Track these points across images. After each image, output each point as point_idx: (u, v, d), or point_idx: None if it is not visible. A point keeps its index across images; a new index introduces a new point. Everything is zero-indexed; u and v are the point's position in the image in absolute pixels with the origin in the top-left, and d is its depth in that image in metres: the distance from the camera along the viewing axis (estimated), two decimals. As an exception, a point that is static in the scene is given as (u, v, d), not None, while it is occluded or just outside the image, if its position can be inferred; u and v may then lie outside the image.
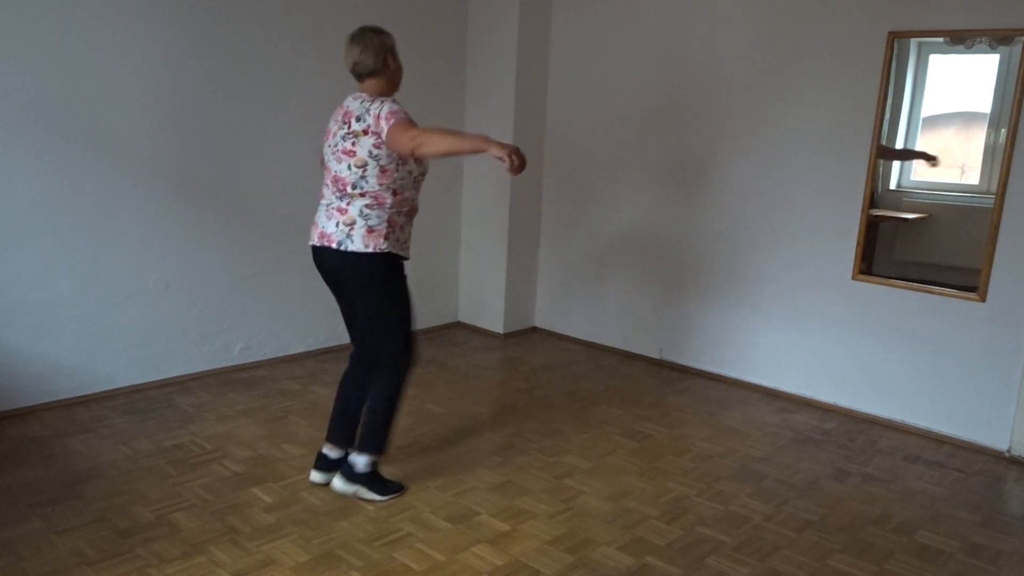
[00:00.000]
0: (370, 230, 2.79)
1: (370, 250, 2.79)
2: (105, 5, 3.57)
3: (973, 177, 3.73)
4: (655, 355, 4.84)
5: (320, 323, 4.69)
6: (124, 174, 3.75)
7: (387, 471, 3.18)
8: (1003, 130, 3.52)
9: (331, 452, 3.08)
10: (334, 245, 2.80)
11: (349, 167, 2.79)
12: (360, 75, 2.86)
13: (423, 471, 3.24)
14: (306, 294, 4.59)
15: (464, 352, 4.91)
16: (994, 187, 3.56)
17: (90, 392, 3.81)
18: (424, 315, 5.25)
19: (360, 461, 2.94)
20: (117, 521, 2.74)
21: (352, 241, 2.78)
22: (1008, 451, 3.65)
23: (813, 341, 4.18)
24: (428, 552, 2.65)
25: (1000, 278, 3.58)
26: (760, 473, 3.38)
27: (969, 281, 3.67)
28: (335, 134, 2.85)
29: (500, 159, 2.57)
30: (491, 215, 5.18)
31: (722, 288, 4.49)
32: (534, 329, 5.46)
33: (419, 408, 3.92)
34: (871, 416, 4.03)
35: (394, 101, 2.81)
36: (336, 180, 2.84)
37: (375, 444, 2.95)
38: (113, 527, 2.70)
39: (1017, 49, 3.45)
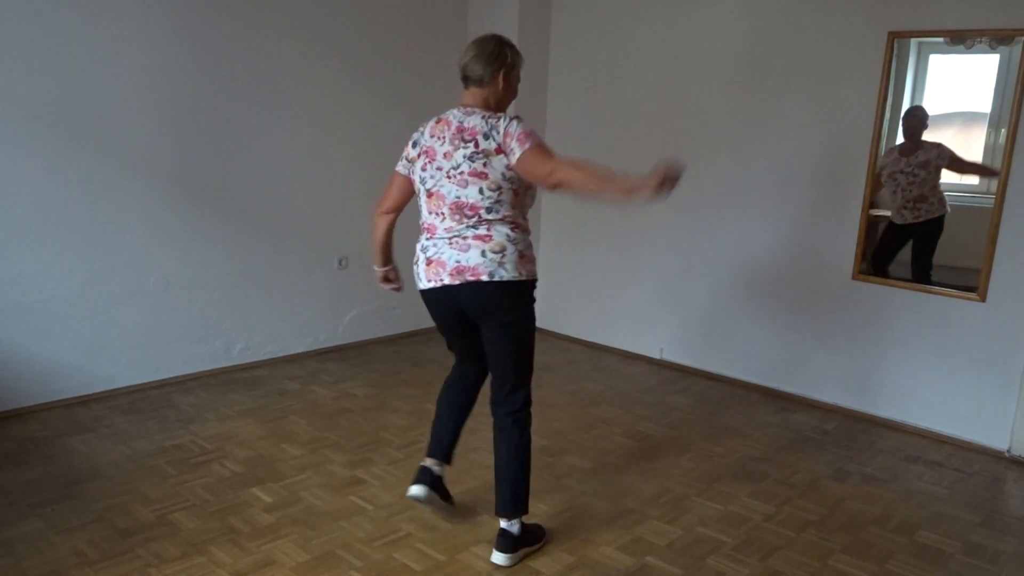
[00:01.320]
0: (522, 256, 2.48)
1: (524, 278, 2.49)
2: (105, 5, 3.57)
3: (973, 177, 3.73)
4: (655, 355, 4.84)
5: (320, 323, 4.69)
6: (124, 174, 3.75)
7: (386, 470, 3.18)
8: (1003, 130, 3.52)
9: (435, 467, 2.79)
10: (484, 277, 2.44)
11: (481, 191, 2.45)
12: (466, 80, 2.58)
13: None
14: (306, 294, 4.59)
15: (464, 352, 4.90)
16: (994, 187, 3.56)
17: (90, 392, 3.81)
18: (424, 315, 5.21)
19: (515, 528, 2.61)
20: (117, 521, 2.74)
21: (505, 270, 2.45)
22: (1008, 451, 3.65)
23: (813, 341, 4.18)
24: (428, 552, 2.65)
25: (1000, 278, 3.58)
26: (760, 473, 3.38)
27: (969, 281, 3.67)
28: (448, 155, 2.49)
29: (657, 197, 2.29)
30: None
31: (722, 288, 4.49)
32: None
33: (419, 408, 3.92)
34: (871, 416, 4.03)
35: (522, 120, 2.51)
36: (461, 207, 2.47)
37: (522, 505, 2.62)
38: (113, 527, 2.70)
39: (1017, 49, 3.45)
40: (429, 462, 2.80)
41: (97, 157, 3.65)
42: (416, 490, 2.71)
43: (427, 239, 2.62)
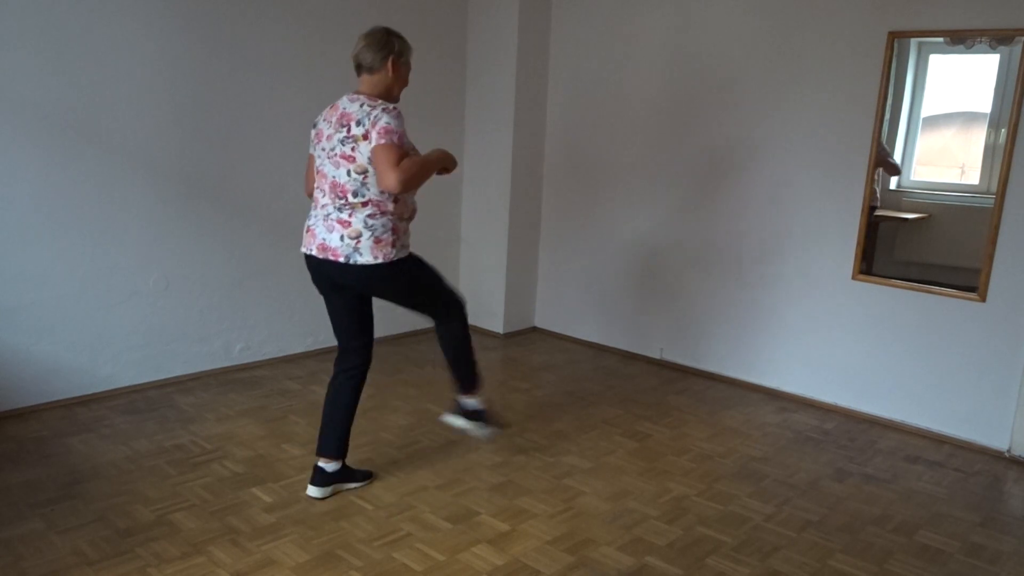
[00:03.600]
0: (377, 240, 2.75)
1: (380, 261, 2.76)
2: (105, 4, 3.57)
3: (973, 177, 3.73)
4: (655, 355, 4.85)
5: (320, 323, 4.68)
6: (124, 174, 3.75)
7: (387, 470, 3.19)
8: (1003, 130, 3.52)
9: (327, 465, 2.96)
10: (341, 259, 2.74)
11: (349, 173, 2.71)
12: (359, 68, 2.84)
13: (423, 471, 3.24)
14: (306, 294, 4.57)
15: (464, 352, 4.90)
16: (994, 187, 3.56)
17: (90, 392, 3.81)
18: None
19: (470, 402, 3.14)
20: (117, 521, 2.74)
21: (361, 255, 2.73)
22: (1008, 451, 3.65)
23: (813, 341, 4.18)
24: (428, 552, 2.65)
25: (1000, 278, 3.58)
26: (760, 473, 3.38)
27: (969, 281, 3.67)
28: (330, 137, 2.76)
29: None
30: (491, 215, 5.18)
31: (722, 288, 4.49)
32: (534, 329, 5.46)
33: (419, 408, 3.92)
34: (871, 416, 4.03)
35: (395, 114, 2.71)
36: (334, 186, 2.75)
37: (471, 382, 3.12)
38: (113, 527, 2.70)
39: (1017, 49, 3.45)
40: (322, 461, 2.98)
41: (97, 157, 3.65)
42: (312, 491, 2.96)
43: (313, 209, 2.87)
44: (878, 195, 3.94)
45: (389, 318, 5.06)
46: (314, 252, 2.80)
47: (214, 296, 4.18)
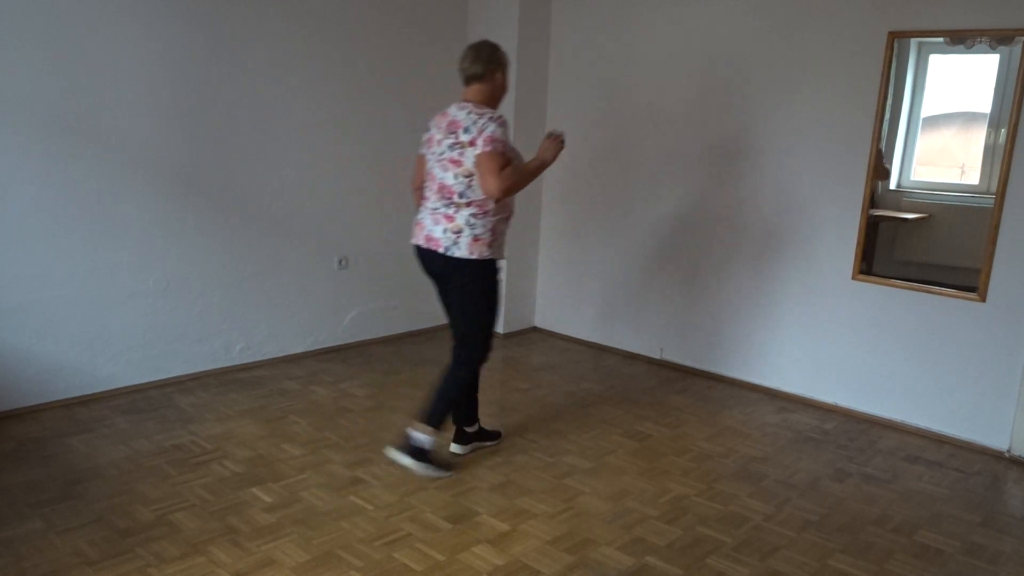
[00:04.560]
0: (476, 239, 3.01)
1: (474, 257, 3.01)
2: (105, 3, 3.56)
3: (973, 177, 3.73)
4: (655, 355, 4.85)
5: (320, 323, 4.69)
6: (124, 174, 3.75)
7: (386, 470, 3.19)
8: (1003, 130, 3.52)
9: (468, 428, 3.40)
10: (441, 249, 3.02)
11: (455, 176, 2.98)
12: (467, 79, 3.06)
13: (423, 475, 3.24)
14: (306, 294, 4.59)
15: (464, 352, 4.90)
16: (994, 187, 3.56)
17: (90, 392, 3.81)
18: (424, 316, 5.25)
19: (419, 436, 3.12)
20: (117, 521, 2.74)
21: (459, 248, 3.00)
22: (1008, 451, 3.65)
23: (813, 341, 4.18)
24: (428, 552, 2.65)
25: (1000, 278, 3.58)
26: (760, 473, 3.38)
27: (969, 281, 3.67)
28: (440, 142, 3.03)
29: (557, 146, 3.08)
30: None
31: (722, 288, 4.49)
32: (534, 329, 5.46)
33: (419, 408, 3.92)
34: (871, 416, 4.03)
35: (500, 123, 2.95)
36: (442, 188, 3.03)
37: (434, 420, 3.14)
38: (113, 527, 2.70)
39: (1017, 49, 3.45)
40: (465, 427, 3.39)
41: (97, 157, 3.65)
42: (456, 448, 3.38)
43: (422, 205, 3.16)
44: (878, 193, 3.93)
45: (388, 317, 5.07)
46: (421, 243, 3.11)
47: (214, 296, 4.18)
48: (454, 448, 3.38)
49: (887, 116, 3.82)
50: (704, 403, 4.19)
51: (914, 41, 3.77)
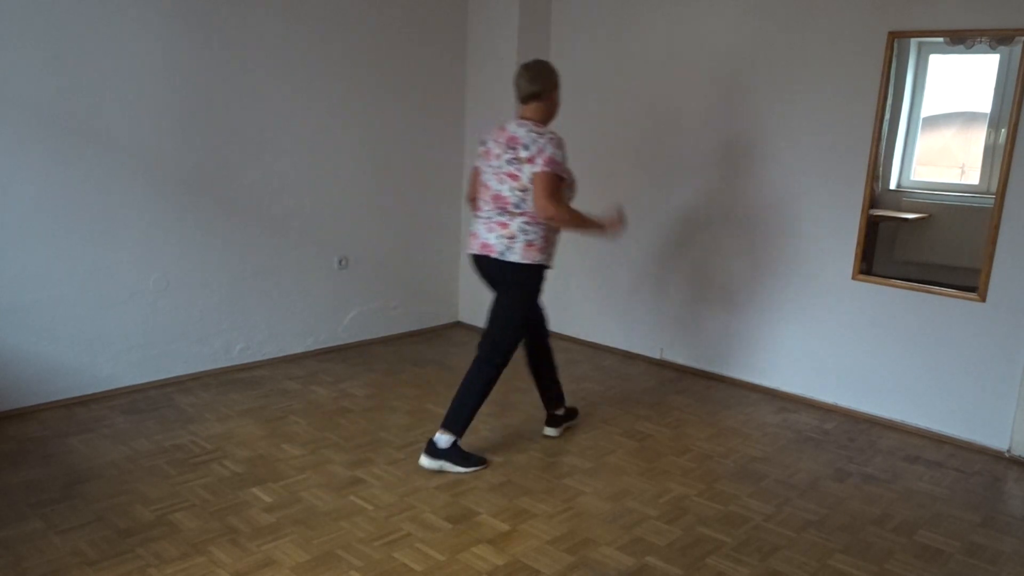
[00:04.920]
0: (529, 244, 3.15)
1: (527, 261, 3.16)
2: (105, 5, 3.57)
3: (973, 177, 3.73)
4: (655, 355, 4.84)
5: (320, 323, 4.70)
6: (124, 174, 3.75)
7: (386, 470, 3.19)
8: (1003, 130, 3.52)
9: (556, 411, 3.65)
10: (495, 254, 3.16)
11: (511, 189, 3.13)
12: (525, 97, 3.23)
13: (423, 471, 3.24)
14: (306, 294, 4.59)
15: (464, 352, 4.90)
16: (994, 187, 3.56)
17: (90, 392, 3.81)
18: (424, 315, 5.26)
19: (443, 439, 3.21)
20: (117, 521, 2.74)
21: (513, 252, 3.15)
22: (1008, 451, 3.65)
23: (813, 341, 4.18)
24: (428, 552, 2.65)
25: (1000, 278, 3.58)
26: (760, 473, 3.38)
27: (969, 281, 3.67)
28: (498, 156, 3.17)
29: (618, 228, 3.31)
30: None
31: (722, 288, 4.49)
32: (534, 329, 5.45)
33: (419, 408, 3.92)
34: (871, 416, 4.03)
35: (559, 144, 3.12)
36: (497, 198, 3.17)
37: (457, 425, 3.22)
38: (113, 527, 2.70)
39: (1017, 49, 3.45)
40: (557, 411, 3.63)
41: (97, 157, 3.65)
42: (550, 431, 3.64)
43: (475, 216, 3.31)
44: (877, 193, 3.93)
45: (388, 317, 5.07)
46: (476, 251, 3.24)
47: (214, 296, 4.18)
48: (548, 431, 3.63)
49: (887, 116, 3.82)
50: (704, 403, 4.19)
51: (914, 41, 3.77)
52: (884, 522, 3.01)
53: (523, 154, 3.08)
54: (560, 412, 3.68)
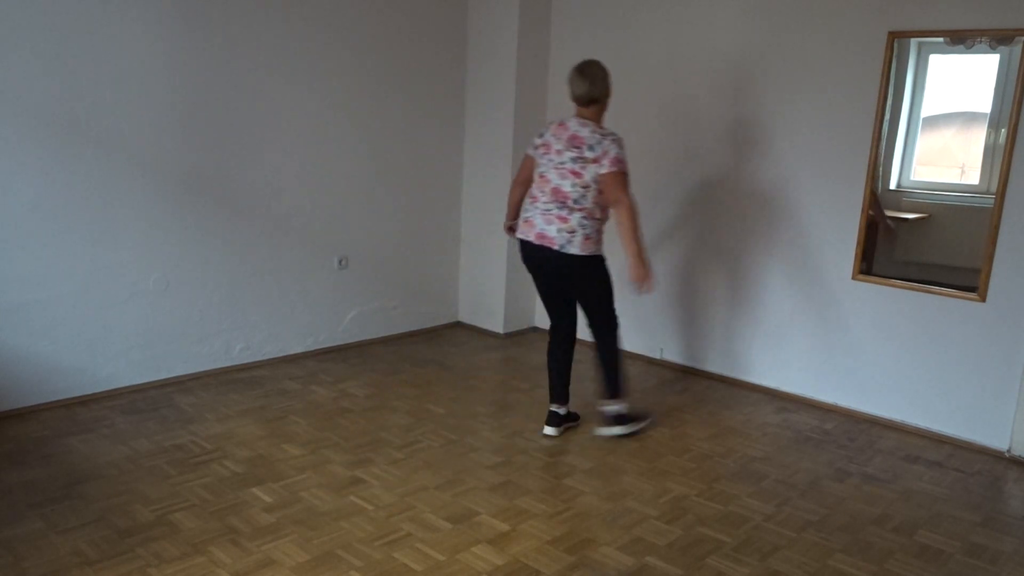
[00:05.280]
0: (587, 238, 3.37)
1: (587, 253, 3.38)
2: (105, 5, 3.57)
3: (973, 177, 3.73)
4: (655, 355, 4.84)
5: (320, 323, 4.70)
6: (124, 174, 3.75)
7: (386, 470, 3.19)
8: (1003, 130, 3.52)
9: (559, 409, 3.69)
10: (556, 247, 3.36)
11: (573, 185, 3.33)
12: (587, 100, 3.38)
13: (423, 471, 3.24)
14: (306, 294, 4.59)
15: (464, 352, 4.91)
16: (994, 187, 3.56)
17: (90, 392, 3.81)
18: (424, 315, 5.26)
19: (614, 408, 3.61)
20: (117, 521, 2.74)
21: (573, 246, 3.35)
22: (1008, 451, 3.65)
23: (813, 341, 4.18)
24: (428, 552, 2.65)
25: (1000, 278, 3.58)
26: (760, 473, 3.38)
27: (969, 281, 3.67)
28: (560, 152, 3.35)
29: (635, 282, 3.39)
30: (491, 215, 5.18)
31: (722, 288, 4.49)
32: (534, 329, 5.46)
33: (419, 408, 3.92)
34: (871, 416, 4.03)
35: (622, 144, 3.35)
36: (557, 192, 3.36)
37: (615, 389, 3.60)
38: (113, 527, 2.70)
39: (1017, 49, 3.45)
40: (554, 407, 3.69)
41: (97, 157, 3.65)
42: (548, 430, 3.67)
43: (531, 204, 3.47)
44: (878, 193, 3.94)
45: (388, 317, 5.07)
46: (532, 239, 3.41)
47: (214, 296, 4.18)
48: (548, 431, 3.69)
49: (887, 116, 3.82)
50: (704, 403, 4.19)
51: (914, 41, 3.77)
52: (884, 522, 3.01)
53: (588, 154, 3.30)
54: (565, 412, 3.74)
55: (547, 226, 3.37)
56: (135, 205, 3.81)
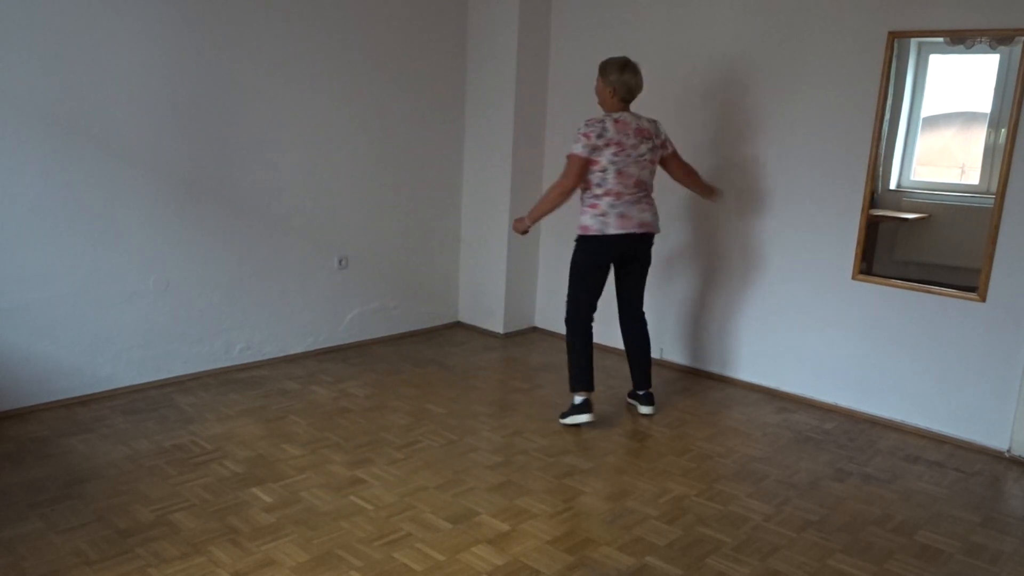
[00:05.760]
0: (656, 215, 3.79)
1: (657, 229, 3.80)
2: (105, 4, 3.57)
3: (973, 177, 3.73)
4: (655, 355, 4.84)
5: (320, 323, 4.70)
6: (124, 174, 3.75)
7: (386, 470, 3.19)
8: (1003, 130, 3.52)
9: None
10: (653, 230, 3.74)
11: (651, 173, 3.70)
12: (634, 95, 3.61)
13: (423, 471, 3.24)
14: (306, 294, 4.59)
15: (464, 352, 4.91)
16: (994, 187, 3.56)
17: (90, 392, 3.81)
18: (424, 315, 5.26)
19: (646, 393, 4.00)
20: (117, 521, 2.74)
21: (658, 227, 3.78)
22: (1008, 451, 3.65)
23: (813, 341, 4.18)
24: (428, 552, 2.65)
25: (1000, 278, 3.58)
26: (760, 473, 3.38)
27: (969, 281, 3.67)
28: (635, 147, 3.57)
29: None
30: (491, 215, 5.18)
31: (722, 288, 4.49)
32: (534, 329, 5.46)
33: (419, 408, 3.92)
34: (871, 416, 4.03)
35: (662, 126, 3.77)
36: (639, 183, 3.64)
37: (647, 378, 3.98)
38: (113, 527, 2.70)
39: (1017, 49, 3.45)
40: (586, 395, 3.81)
41: (97, 157, 3.65)
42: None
43: (616, 201, 3.62)
44: (878, 194, 3.94)
45: (388, 317, 5.07)
46: (634, 230, 3.64)
47: (214, 296, 4.18)
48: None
49: (887, 116, 3.82)
50: (704, 403, 4.19)
51: (914, 41, 3.77)
52: (884, 522, 3.01)
53: (656, 141, 3.66)
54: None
55: (644, 214, 3.67)
56: (135, 205, 3.81)
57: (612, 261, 3.76)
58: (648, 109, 4.67)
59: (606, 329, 5.07)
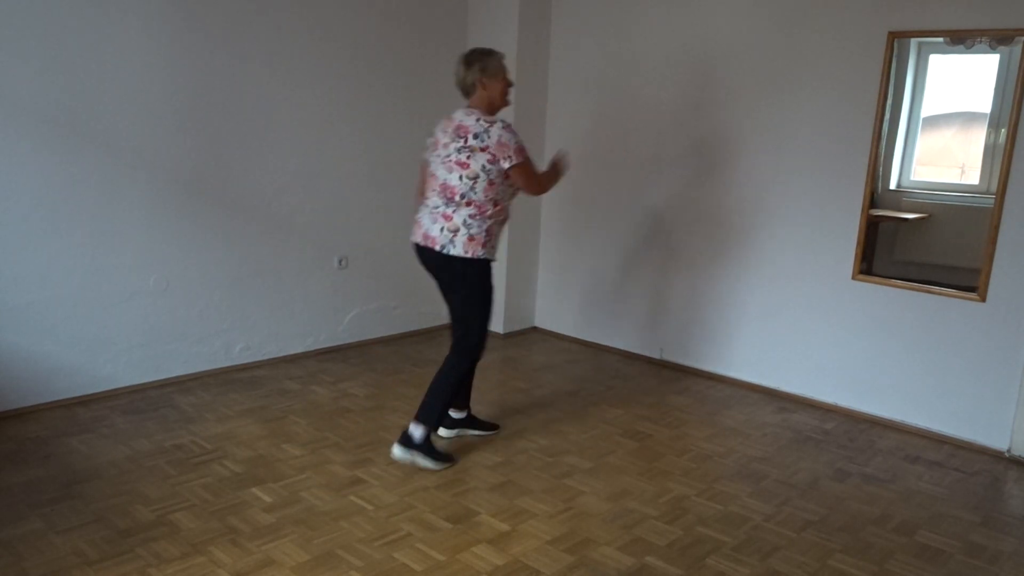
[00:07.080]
0: (471, 238, 3.14)
1: (468, 255, 3.14)
2: (105, 4, 3.56)
3: (973, 177, 3.73)
4: (655, 355, 4.84)
5: (320, 323, 4.69)
6: (124, 174, 3.75)
7: (386, 470, 3.19)
8: (1003, 130, 3.52)
9: (455, 413, 3.55)
10: (437, 247, 3.15)
11: (460, 178, 3.10)
12: (465, 90, 3.21)
13: (423, 471, 3.24)
14: (306, 294, 4.59)
15: (464, 352, 4.90)
16: (994, 187, 3.56)
17: (90, 392, 3.81)
18: (424, 315, 5.25)
19: (417, 432, 3.22)
20: (117, 521, 2.74)
21: (454, 247, 3.13)
22: (1008, 451, 3.65)
23: (813, 341, 4.18)
24: (428, 552, 2.65)
25: (1000, 278, 3.58)
26: (760, 473, 3.38)
27: (969, 281, 3.67)
28: (446, 145, 3.14)
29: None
30: (491, 215, 5.18)
31: (722, 288, 4.49)
32: (534, 329, 5.46)
33: (419, 408, 3.92)
34: (871, 416, 4.03)
35: (512, 131, 3.12)
36: (444, 187, 3.14)
37: (432, 418, 3.24)
38: (113, 527, 2.70)
39: (1017, 49, 3.45)
40: (451, 411, 3.51)
41: (97, 157, 3.65)
42: (442, 432, 3.52)
43: (420, 204, 3.29)
44: (878, 194, 3.94)
45: (388, 317, 5.07)
46: (419, 240, 3.23)
47: (214, 296, 4.18)
48: (441, 431, 3.52)
49: (887, 116, 3.82)
50: (704, 403, 4.19)
51: (914, 41, 3.77)
52: (884, 522, 3.01)
53: (474, 143, 3.10)
54: (459, 416, 3.57)
55: (432, 225, 3.16)
56: (135, 205, 3.81)
57: (427, 270, 3.31)
58: (648, 108, 4.68)
59: (604, 328, 5.08)
